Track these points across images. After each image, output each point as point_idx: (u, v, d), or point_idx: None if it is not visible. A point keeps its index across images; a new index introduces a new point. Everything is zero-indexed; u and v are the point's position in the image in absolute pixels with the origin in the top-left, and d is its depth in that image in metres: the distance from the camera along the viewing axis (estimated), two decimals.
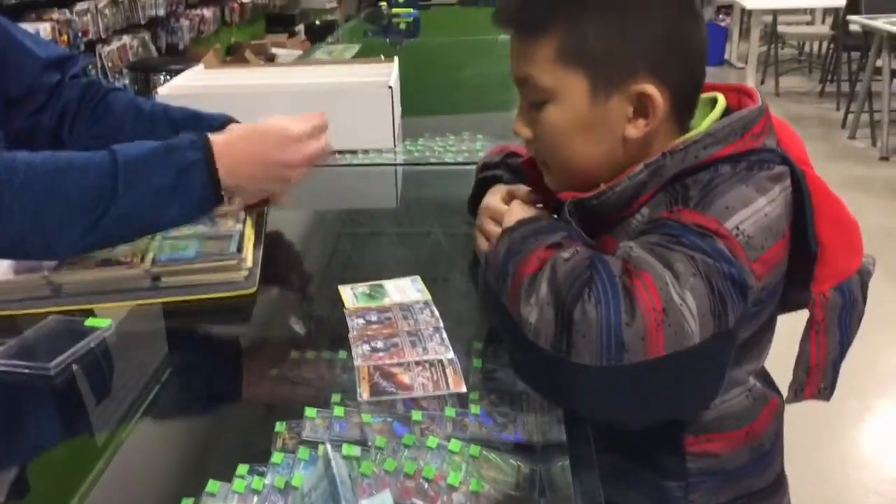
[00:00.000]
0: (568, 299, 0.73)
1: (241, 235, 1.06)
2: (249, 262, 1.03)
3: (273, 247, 1.18)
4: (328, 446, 0.69)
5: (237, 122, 1.26)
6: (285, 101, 1.49)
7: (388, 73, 1.59)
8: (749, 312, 0.78)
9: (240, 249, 1.03)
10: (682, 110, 0.87)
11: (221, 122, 1.23)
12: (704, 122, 0.87)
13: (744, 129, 0.84)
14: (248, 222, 1.12)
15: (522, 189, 1.01)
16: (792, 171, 0.84)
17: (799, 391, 0.89)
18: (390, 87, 1.49)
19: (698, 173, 0.82)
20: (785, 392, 0.92)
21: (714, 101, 0.90)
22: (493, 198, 1.01)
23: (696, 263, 0.74)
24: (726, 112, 0.88)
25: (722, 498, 0.93)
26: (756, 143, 0.84)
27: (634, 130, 0.85)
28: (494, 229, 0.94)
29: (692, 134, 0.85)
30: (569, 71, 0.83)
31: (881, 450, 2.42)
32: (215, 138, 1.01)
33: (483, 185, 1.07)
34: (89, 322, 0.94)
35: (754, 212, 0.79)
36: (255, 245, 1.09)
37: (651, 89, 0.83)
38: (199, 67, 1.72)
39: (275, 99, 1.50)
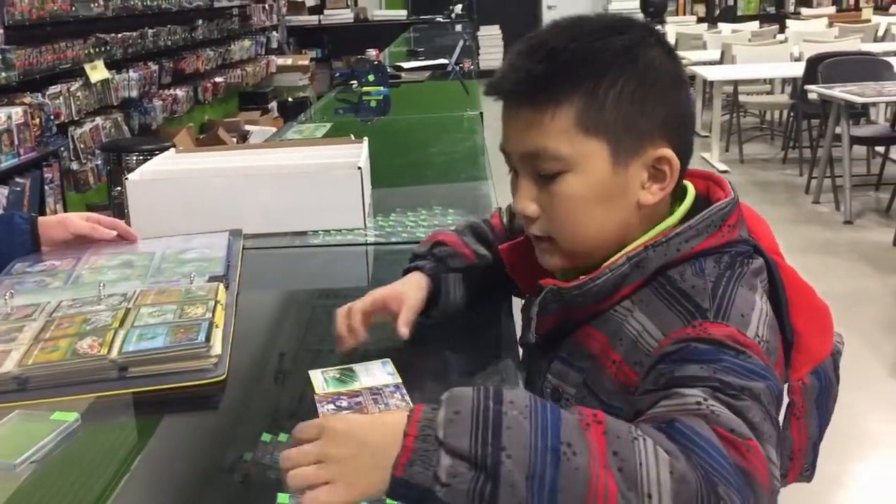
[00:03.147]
0: None
1: (211, 324, 1.05)
2: (218, 350, 1.02)
3: (243, 331, 1.18)
4: None
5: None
6: (255, 185, 1.51)
7: (357, 153, 1.62)
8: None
9: (209, 337, 1.02)
10: (680, 179, 0.88)
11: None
12: (679, 211, 0.88)
13: (721, 221, 0.85)
14: (219, 308, 1.12)
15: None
16: (765, 261, 0.86)
17: (783, 477, 0.87)
18: (360, 168, 1.51)
19: (683, 267, 0.82)
20: None
21: (683, 189, 0.90)
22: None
23: (760, 402, 0.70)
24: (696, 200, 0.90)
25: None
26: (732, 234, 0.85)
27: (650, 196, 0.85)
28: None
29: (669, 223, 0.86)
30: (590, 138, 0.82)
31: None
32: None
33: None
34: (55, 416, 0.93)
35: (759, 313, 0.80)
36: (225, 331, 1.09)
37: (669, 153, 0.84)
38: (171, 151, 1.74)
39: (245, 182, 1.52)
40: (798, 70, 5.72)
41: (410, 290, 1.07)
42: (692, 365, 0.73)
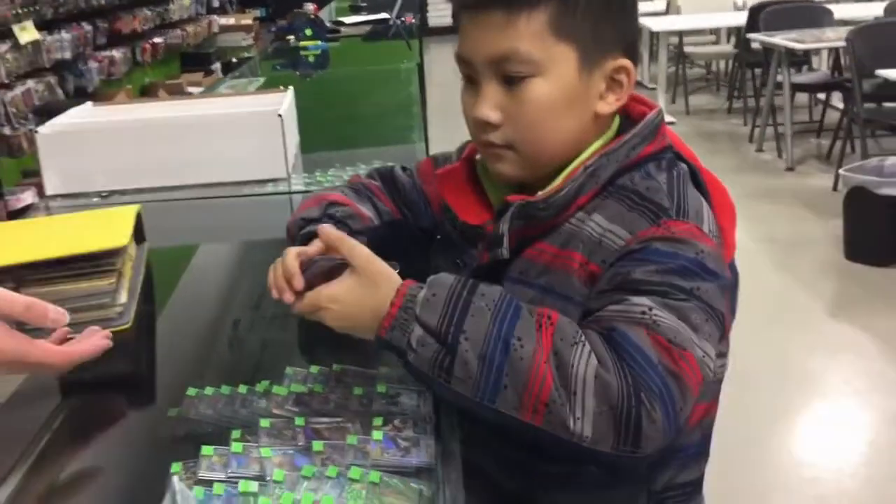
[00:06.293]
0: (631, 413, 0.72)
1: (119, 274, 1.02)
2: (123, 298, 0.99)
3: (161, 284, 1.15)
4: (175, 480, 0.67)
5: None
6: (173, 136, 1.47)
7: (280, 101, 1.58)
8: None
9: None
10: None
11: None
12: (614, 123, 0.93)
13: (656, 128, 0.90)
14: (127, 259, 1.09)
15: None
16: (688, 165, 0.91)
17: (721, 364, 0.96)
18: (280, 116, 1.48)
19: (631, 173, 0.88)
20: None
21: None
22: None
23: (704, 303, 0.79)
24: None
25: (676, 478, 0.95)
26: (664, 141, 0.91)
27: (606, 106, 0.89)
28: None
29: (609, 135, 0.91)
30: (560, 43, 0.85)
31: (798, 452, 2.47)
32: None
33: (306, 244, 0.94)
34: None
35: (706, 210, 0.87)
36: (132, 282, 1.05)
37: (628, 63, 0.88)
38: (87, 105, 1.68)
39: (163, 133, 1.47)
40: (741, 19, 5.74)
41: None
42: (649, 265, 0.80)
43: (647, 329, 0.75)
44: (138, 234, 1.18)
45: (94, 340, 0.86)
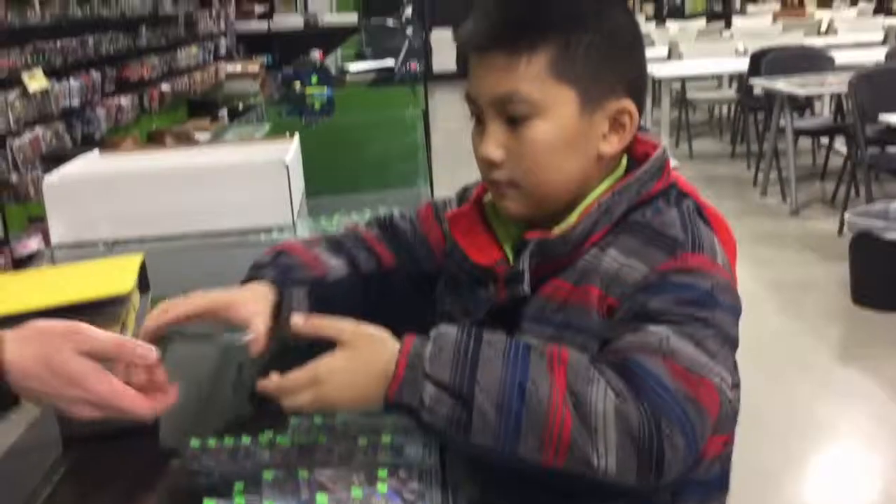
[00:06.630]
0: (653, 443, 0.73)
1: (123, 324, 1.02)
2: None
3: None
4: None
5: None
6: (180, 184, 1.48)
7: (285, 150, 1.59)
8: None
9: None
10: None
11: None
12: (623, 162, 0.94)
13: (662, 166, 0.92)
14: (131, 309, 1.09)
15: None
16: (692, 202, 0.93)
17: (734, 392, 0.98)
18: (286, 165, 1.49)
19: (643, 209, 0.89)
20: None
21: None
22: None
23: (719, 331, 0.81)
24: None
25: None
26: (670, 178, 0.93)
27: (609, 147, 0.90)
28: None
29: (619, 174, 0.93)
30: (560, 85, 0.87)
31: (807, 498, 2.43)
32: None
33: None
34: None
35: (717, 243, 0.90)
36: (135, 330, 1.05)
37: (630, 105, 0.89)
38: (94, 153, 1.70)
39: (169, 182, 1.48)
40: (743, 65, 5.79)
41: (252, 297, 0.96)
42: (666, 296, 0.82)
43: (663, 357, 0.77)
44: (142, 283, 1.18)
45: (171, 387, 0.88)
